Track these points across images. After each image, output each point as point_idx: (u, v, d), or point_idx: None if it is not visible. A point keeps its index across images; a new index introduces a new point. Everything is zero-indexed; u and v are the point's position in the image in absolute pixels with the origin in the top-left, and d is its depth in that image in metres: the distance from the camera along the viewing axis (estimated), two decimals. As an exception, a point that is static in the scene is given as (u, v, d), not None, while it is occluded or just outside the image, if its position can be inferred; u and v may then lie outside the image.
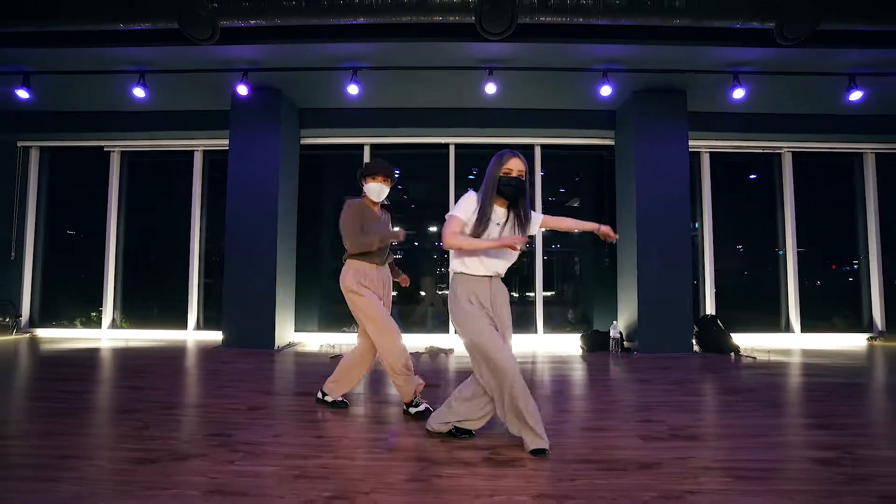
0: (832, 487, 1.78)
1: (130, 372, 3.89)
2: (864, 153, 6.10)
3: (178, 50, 4.40)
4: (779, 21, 3.68)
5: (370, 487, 1.79)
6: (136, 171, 6.39)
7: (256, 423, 2.56)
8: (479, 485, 1.82)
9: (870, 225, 6.06)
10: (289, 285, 5.52)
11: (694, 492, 1.75)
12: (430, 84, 5.06)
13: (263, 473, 1.91)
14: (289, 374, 3.97)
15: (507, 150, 2.23)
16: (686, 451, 2.17)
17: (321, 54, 4.49)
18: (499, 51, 4.34)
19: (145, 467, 1.96)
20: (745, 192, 6.33)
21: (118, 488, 1.77)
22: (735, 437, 2.39)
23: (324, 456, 2.10)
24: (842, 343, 5.73)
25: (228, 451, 2.14)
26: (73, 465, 1.96)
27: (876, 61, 4.43)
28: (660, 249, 5.05)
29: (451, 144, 5.97)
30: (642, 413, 2.82)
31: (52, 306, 6.25)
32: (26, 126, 5.94)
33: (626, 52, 4.37)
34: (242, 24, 3.93)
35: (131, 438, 2.31)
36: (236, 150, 5.27)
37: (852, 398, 3.19)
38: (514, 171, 2.17)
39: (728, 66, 4.57)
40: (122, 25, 3.95)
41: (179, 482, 1.82)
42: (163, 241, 6.34)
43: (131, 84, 4.80)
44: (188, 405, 2.96)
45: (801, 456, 2.10)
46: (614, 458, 2.07)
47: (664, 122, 5.16)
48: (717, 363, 4.48)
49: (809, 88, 4.95)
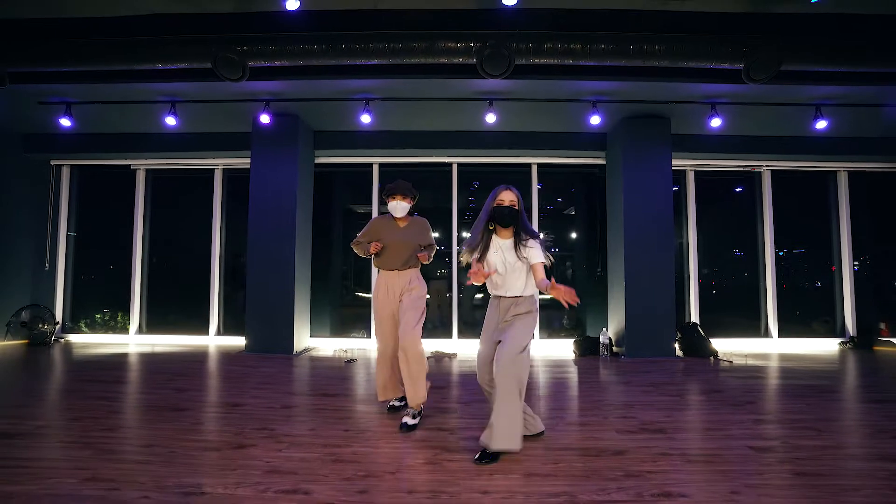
0: (759, 468, 2.25)
1: (170, 375, 4.36)
2: (837, 171, 6.58)
3: (208, 84, 4.87)
4: (745, 64, 4.15)
5: (395, 468, 2.26)
6: (160, 186, 6.87)
7: (292, 419, 3.03)
8: (481, 466, 2.29)
9: (843, 236, 6.54)
10: (305, 293, 5.99)
11: (652, 472, 2.22)
12: (434, 112, 5.54)
13: (308, 458, 2.38)
14: (310, 377, 4.44)
15: (500, 185, 2.58)
16: (651, 441, 2.64)
17: (337, 88, 4.97)
18: (498, 85, 4.82)
19: (211, 454, 2.43)
20: (728, 206, 6.82)
21: (196, 469, 2.23)
22: (694, 430, 2.86)
23: (354, 445, 2.57)
24: (816, 348, 6.20)
25: (275, 442, 2.61)
26: (154, 452, 2.43)
27: (838, 95, 4.91)
28: (646, 261, 5.52)
29: (454, 164, 6.45)
30: (621, 410, 3.28)
31: (81, 313, 6.73)
32: (59, 147, 6.42)
33: (613, 87, 4.85)
34: (268, 65, 4.41)
35: (191, 431, 2.78)
36: (258, 171, 5.74)
37: (809, 397, 3.66)
38: (505, 201, 2.51)
39: (705, 98, 5.04)
40: (160, 65, 4.43)
41: (242, 465, 2.29)
42: (185, 252, 6.81)
43: (163, 112, 5.29)
44: (229, 404, 3.42)
45: (742, 445, 2.58)
46: (591, 447, 2.54)
47: (650, 145, 5.64)
48: (695, 367, 4.95)
49: (781, 116, 5.43)
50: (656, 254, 5.55)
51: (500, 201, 2.52)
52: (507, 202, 2.51)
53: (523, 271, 2.53)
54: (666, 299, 5.50)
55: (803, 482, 2.11)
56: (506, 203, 2.51)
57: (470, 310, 6.56)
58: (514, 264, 2.51)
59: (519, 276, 2.53)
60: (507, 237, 2.57)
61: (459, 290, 6.43)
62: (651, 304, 5.46)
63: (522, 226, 2.52)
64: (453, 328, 6.34)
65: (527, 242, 2.49)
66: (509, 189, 2.55)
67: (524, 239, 2.49)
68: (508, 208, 2.50)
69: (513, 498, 1.96)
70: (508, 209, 2.50)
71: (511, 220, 2.51)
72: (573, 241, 6.87)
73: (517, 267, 2.52)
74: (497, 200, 2.52)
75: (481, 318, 2.75)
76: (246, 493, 2.00)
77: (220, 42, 4.21)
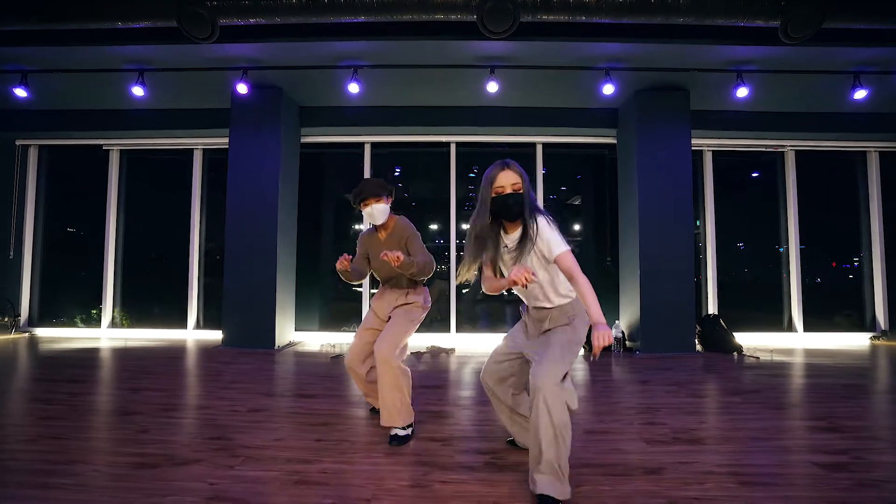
0: (839, 494, 1.76)
1: (130, 373, 3.87)
2: (867, 151, 6.06)
3: (178, 48, 4.36)
4: (784, 19, 3.64)
5: (371, 494, 1.77)
6: (136, 169, 6.36)
7: (257, 427, 2.54)
8: (481, 490, 1.80)
9: (873, 224, 6.04)
10: (289, 285, 5.50)
11: (700, 498, 1.73)
12: (430, 82, 5.02)
13: (264, 479, 1.89)
14: (289, 374, 3.96)
15: (495, 163, 1.93)
16: (690, 455, 2.15)
17: (321, 52, 4.46)
18: (500, 49, 4.31)
19: (145, 472, 1.94)
20: (748, 191, 6.31)
21: (118, 495, 1.75)
22: (739, 440, 2.37)
23: (324, 460, 2.09)
24: (844, 342, 5.71)
25: (228, 456, 2.12)
26: (72, 471, 1.95)
27: (880, 59, 4.39)
28: (662, 248, 5.03)
29: (452, 143, 5.94)
30: (645, 415, 2.80)
31: (51, 305, 6.24)
32: (25, 125, 5.91)
33: (629, 51, 4.34)
34: (242, 23, 3.90)
35: (130, 442, 2.29)
36: (236, 149, 5.24)
37: (856, 400, 3.17)
38: (506, 186, 1.86)
39: (731, 64, 4.53)
40: (120, 24, 3.91)
41: (179, 488, 1.80)
42: (162, 240, 6.31)
43: (130, 83, 4.77)
44: (188, 407, 2.94)
45: (804, 461, 2.09)
46: (618, 463, 2.06)
47: (667, 121, 5.13)
48: (719, 363, 4.46)
49: (813, 87, 4.91)
50: (674, 241, 5.05)
51: (500, 188, 1.87)
52: (510, 187, 1.87)
53: (545, 271, 1.89)
54: (685, 290, 5.00)
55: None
56: (507, 189, 1.87)
57: (470, 304, 6.07)
58: (531, 262, 1.87)
59: (541, 274, 1.89)
60: (515, 231, 1.93)
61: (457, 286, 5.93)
62: (668, 296, 4.97)
63: (528, 209, 1.87)
64: (451, 322, 5.85)
65: (536, 227, 1.84)
66: (507, 167, 1.89)
67: (530, 224, 1.85)
68: (512, 196, 1.86)
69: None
70: (513, 197, 1.86)
71: (520, 209, 1.86)
72: (579, 231, 6.36)
73: (533, 265, 1.87)
74: (495, 188, 1.88)
75: (481, 311, 2.23)
76: (172, 529, 1.52)
77: (186, -5, 3.71)
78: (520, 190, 1.87)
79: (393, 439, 2.31)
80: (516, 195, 1.86)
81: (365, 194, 2.47)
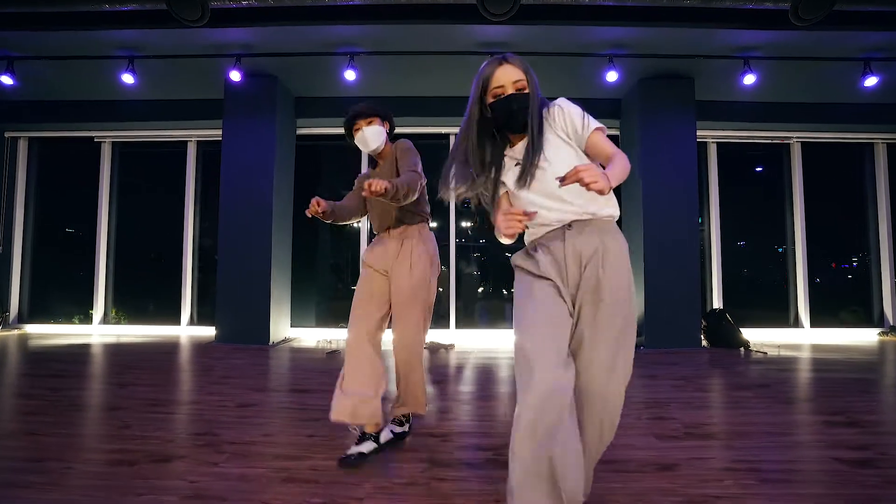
0: (869, 492, 1.63)
1: (119, 368, 3.74)
2: (875, 143, 5.93)
3: (168, 33, 4.23)
4: (794, 1, 3.51)
5: (364, 493, 1.64)
6: (128, 162, 6.22)
7: (245, 422, 2.41)
8: (483, 489, 1.67)
9: (881, 217, 5.91)
10: (284, 279, 5.37)
11: (720, 496, 1.60)
12: (429, 72, 4.89)
13: (248, 476, 1.76)
14: (282, 370, 3.83)
15: (489, 60, 1.38)
16: (704, 450, 2.03)
17: (316, 38, 4.32)
18: (500, 34, 4.18)
19: (121, 469, 1.81)
20: (753, 184, 6.18)
21: (90, 494, 1.62)
22: (753, 435, 2.24)
23: (315, 457, 1.96)
24: (852, 338, 5.58)
25: (213, 452, 1.99)
26: (44, 469, 1.82)
27: (892, 44, 4.26)
28: (666, 242, 4.90)
29: (451, 134, 5.80)
30: (654, 410, 2.67)
31: (41, 302, 6.10)
32: (14, 116, 5.77)
33: (633, 35, 4.21)
34: (234, 6, 3.77)
35: (110, 438, 2.16)
36: (230, 141, 5.10)
37: (869, 394, 3.05)
38: (506, 86, 1.33)
39: (738, 50, 4.40)
40: (107, 6, 3.79)
41: (157, 486, 1.67)
42: (156, 235, 6.17)
43: (120, 70, 4.64)
44: (175, 402, 2.81)
45: (824, 456, 1.96)
46: (629, 459, 1.93)
47: (671, 111, 5.00)
48: (726, 358, 4.33)
49: (821, 74, 4.78)
50: (678, 234, 4.92)
51: (500, 89, 1.34)
52: (511, 86, 1.33)
53: (575, 158, 1.33)
54: (690, 284, 4.88)
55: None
56: (508, 89, 1.33)
57: (470, 297, 5.94)
58: (558, 154, 1.32)
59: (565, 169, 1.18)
60: (521, 141, 1.39)
61: (457, 275, 5.80)
62: (673, 290, 4.84)
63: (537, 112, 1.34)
64: (451, 318, 5.72)
65: (557, 108, 1.36)
66: (504, 62, 1.35)
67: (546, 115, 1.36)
68: (516, 98, 1.33)
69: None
70: (517, 99, 1.33)
71: (525, 115, 1.33)
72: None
73: (563, 157, 1.32)
74: (492, 90, 1.34)
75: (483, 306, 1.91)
76: (145, 531, 1.39)
77: (175, -24, 3.58)
78: (524, 89, 1.34)
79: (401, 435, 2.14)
80: (521, 95, 1.33)
81: (362, 113, 2.09)
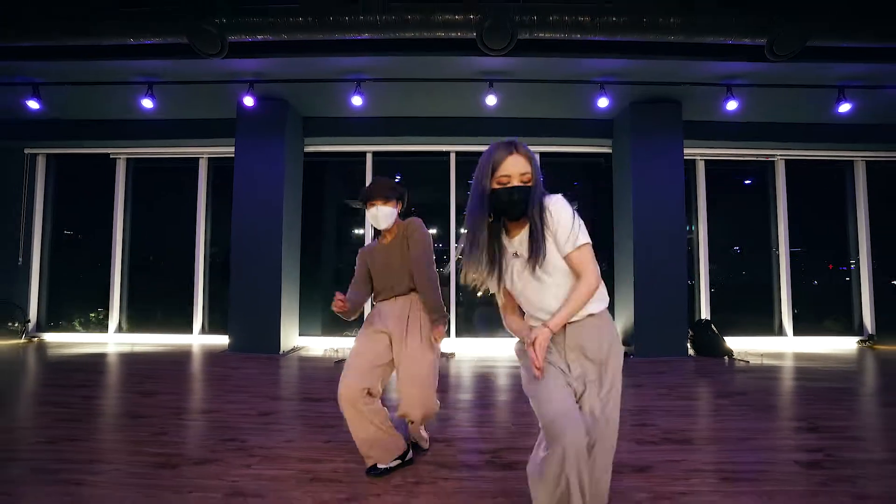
0: (812, 488, 1.91)
1: (141, 377, 3.99)
2: (854, 161, 6.24)
3: (187, 63, 4.51)
4: (769, 38, 3.81)
5: (380, 490, 1.91)
6: (142, 177, 6.49)
7: (268, 429, 2.67)
8: (482, 487, 1.94)
9: (860, 230, 6.21)
10: (293, 290, 5.63)
11: (685, 493, 1.87)
12: (431, 95, 5.18)
13: (279, 477, 2.03)
14: (295, 378, 4.09)
15: (497, 144, 1.47)
16: (678, 454, 2.30)
17: (325, 67, 4.61)
18: (499, 64, 4.47)
19: (166, 471, 2.07)
20: (740, 198, 6.48)
21: (144, 491, 1.88)
22: (725, 440, 2.52)
23: (336, 460, 2.22)
24: (833, 346, 5.87)
25: (245, 456, 2.25)
26: (97, 469, 2.08)
27: (864, 75, 4.57)
28: (655, 255, 5.18)
29: (452, 152, 6.09)
30: (637, 417, 2.94)
31: (58, 311, 6.35)
32: (33, 134, 6.04)
33: (623, 66, 4.50)
34: (250, 39, 4.05)
35: (149, 443, 2.42)
36: (242, 159, 5.38)
37: (841, 401, 3.32)
38: (513, 176, 1.42)
39: (721, 78, 4.70)
40: (131, 40, 4.06)
41: (201, 486, 1.93)
42: (168, 247, 6.43)
43: (139, 95, 4.91)
44: (201, 410, 3.07)
45: (785, 458, 2.23)
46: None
47: (660, 132, 5.29)
48: (710, 367, 4.61)
49: (801, 99, 5.09)
50: (667, 248, 5.21)
51: (506, 178, 1.43)
52: (517, 178, 1.43)
53: (567, 274, 1.47)
54: (678, 296, 5.16)
55: (867, 506, 1.77)
56: (514, 181, 1.42)
57: (470, 305, 6.21)
58: (550, 265, 1.45)
59: (564, 282, 1.46)
60: (520, 230, 1.50)
61: (458, 289, 6.07)
62: (662, 301, 5.12)
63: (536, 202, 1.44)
64: (451, 327, 5.99)
65: (549, 213, 1.45)
66: (515, 150, 1.44)
67: (543, 213, 1.44)
68: (519, 190, 1.42)
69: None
70: (519, 191, 1.42)
71: (524, 206, 1.43)
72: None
73: (555, 269, 1.46)
74: (498, 177, 1.43)
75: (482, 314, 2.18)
76: (199, 522, 1.65)
77: (197, 13, 3.85)
78: (529, 182, 1.44)
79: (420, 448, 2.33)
80: (524, 188, 1.43)
81: (373, 194, 2.19)
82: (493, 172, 1.44)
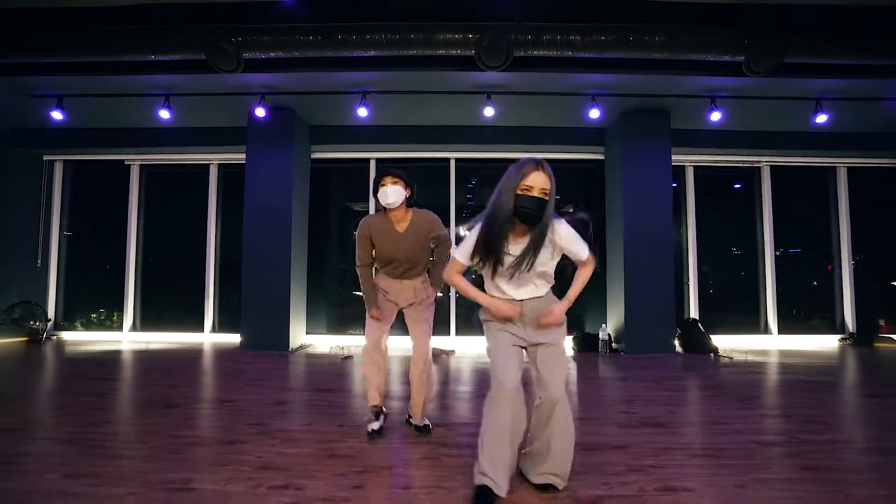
0: (765, 462, 2.19)
1: (164, 372, 4.27)
2: (836, 167, 6.53)
3: (202, 77, 4.79)
4: (747, 56, 4.10)
5: (391, 464, 2.19)
6: (155, 182, 6.78)
7: (286, 415, 2.96)
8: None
9: (842, 233, 6.50)
10: (301, 290, 5.91)
11: (654, 466, 2.15)
12: (432, 106, 5.47)
13: (301, 454, 2.31)
14: (305, 373, 4.37)
15: (528, 159, 1.77)
16: (653, 436, 2.58)
17: (333, 80, 4.90)
18: (496, 78, 4.76)
19: (201, 449, 2.35)
20: (728, 202, 6.78)
21: (186, 465, 2.16)
22: (697, 425, 2.80)
23: (349, 440, 2.50)
24: (816, 344, 6.15)
25: (268, 438, 2.54)
26: (143, 448, 2.36)
27: (839, 88, 4.86)
28: (645, 257, 5.47)
29: (452, 159, 6.38)
30: (622, 406, 3.22)
31: (74, 310, 6.64)
32: (52, 142, 6.33)
33: (612, 80, 4.79)
34: (263, 56, 4.34)
35: (180, 427, 2.70)
36: (253, 166, 5.66)
37: (813, 392, 3.60)
38: (535, 188, 1.73)
39: (705, 91, 4.99)
40: (153, 57, 4.35)
41: (233, 460, 2.21)
42: (180, 249, 6.72)
43: (156, 106, 5.20)
44: (223, 400, 3.35)
45: (747, 440, 2.51)
46: (593, 442, 2.48)
47: (649, 140, 5.58)
48: (696, 363, 4.89)
49: (781, 110, 5.38)
50: (656, 250, 5.50)
51: (528, 188, 1.74)
52: (538, 190, 1.74)
53: (549, 257, 1.90)
54: (666, 296, 5.45)
55: (811, 476, 2.05)
56: (534, 192, 1.74)
57: (470, 303, 6.50)
58: (544, 261, 1.88)
59: (544, 273, 1.93)
60: (521, 238, 1.85)
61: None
62: (651, 301, 5.41)
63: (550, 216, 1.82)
64: (451, 325, 6.27)
65: (555, 231, 1.83)
66: (540, 168, 1.76)
67: (549, 230, 1.82)
68: (538, 200, 1.74)
69: (513, 493, 1.89)
70: (539, 201, 1.74)
71: (540, 218, 1.77)
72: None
73: (545, 265, 1.90)
74: (522, 185, 1.74)
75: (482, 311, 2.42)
76: (237, 488, 1.93)
77: (215, 33, 4.14)
78: (547, 196, 1.76)
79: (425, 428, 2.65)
80: (543, 200, 1.74)
81: (387, 173, 2.51)
82: (521, 180, 1.75)
